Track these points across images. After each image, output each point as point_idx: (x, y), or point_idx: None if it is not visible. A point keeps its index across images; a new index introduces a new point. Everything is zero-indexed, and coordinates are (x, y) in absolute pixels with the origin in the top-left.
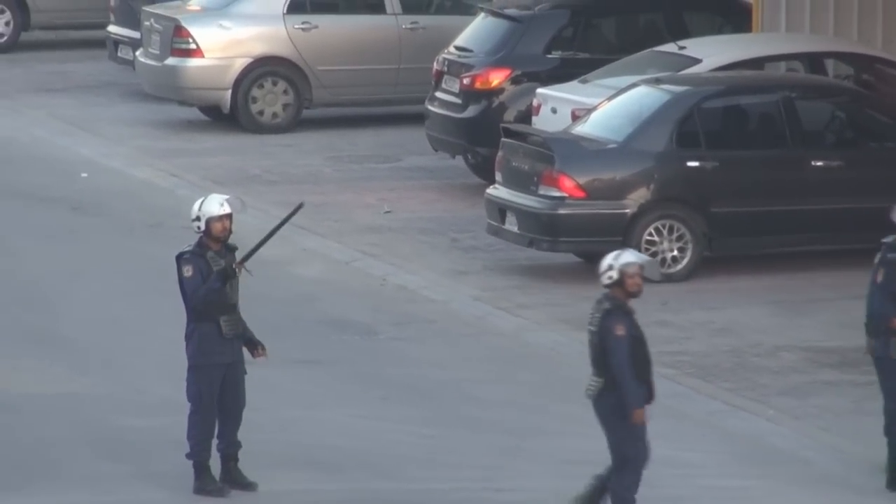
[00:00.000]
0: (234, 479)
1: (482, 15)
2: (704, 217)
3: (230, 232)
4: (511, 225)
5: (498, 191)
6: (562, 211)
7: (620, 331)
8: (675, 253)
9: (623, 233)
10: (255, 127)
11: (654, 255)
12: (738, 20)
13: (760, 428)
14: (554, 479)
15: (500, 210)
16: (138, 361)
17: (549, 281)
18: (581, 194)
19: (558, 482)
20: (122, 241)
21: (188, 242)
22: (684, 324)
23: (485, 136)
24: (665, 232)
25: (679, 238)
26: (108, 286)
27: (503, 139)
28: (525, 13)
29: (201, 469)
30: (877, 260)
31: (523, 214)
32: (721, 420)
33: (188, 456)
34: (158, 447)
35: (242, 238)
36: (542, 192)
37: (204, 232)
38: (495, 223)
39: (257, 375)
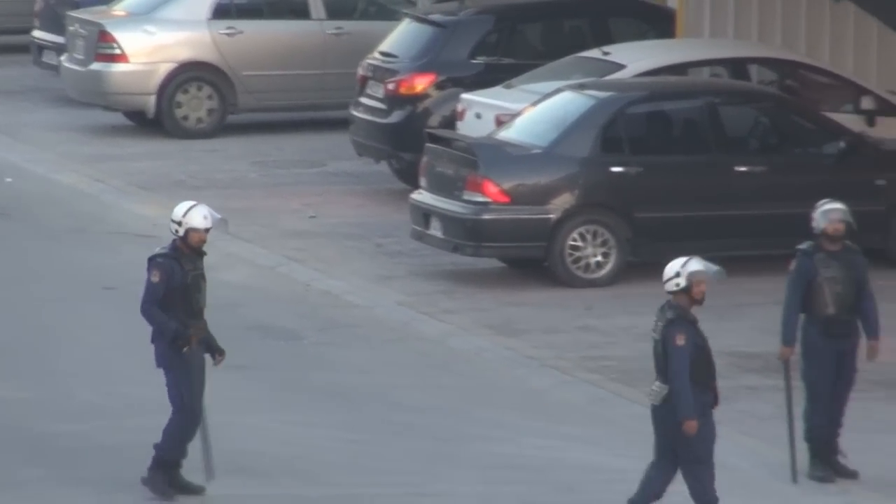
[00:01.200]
0: (182, 484)
1: (406, 20)
2: (628, 222)
3: (205, 242)
4: (435, 230)
5: (422, 196)
6: (486, 216)
7: (681, 340)
8: (599, 258)
9: (547, 238)
10: (180, 132)
11: (577, 260)
12: (662, 26)
13: None
14: (478, 484)
15: (425, 215)
16: (64, 367)
17: (474, 286)
18: (505, 199)
19: (483, 487)
20: (47, 247)
21: (162, 245)
22: (608, 329)
23: (409, 142)
24: (589, 237)
25: (603, 243)
26: (32, 291)
27: (427, 144)
28: (449, 19)
29: (168, 467)
30: (792, 266)
31: (448, 220)
32: (645, 425)
33: (157, 447)
34: (85, 452)
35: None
36: (466, 197)
37: (181, 238)
38: (420, 228)
39: None
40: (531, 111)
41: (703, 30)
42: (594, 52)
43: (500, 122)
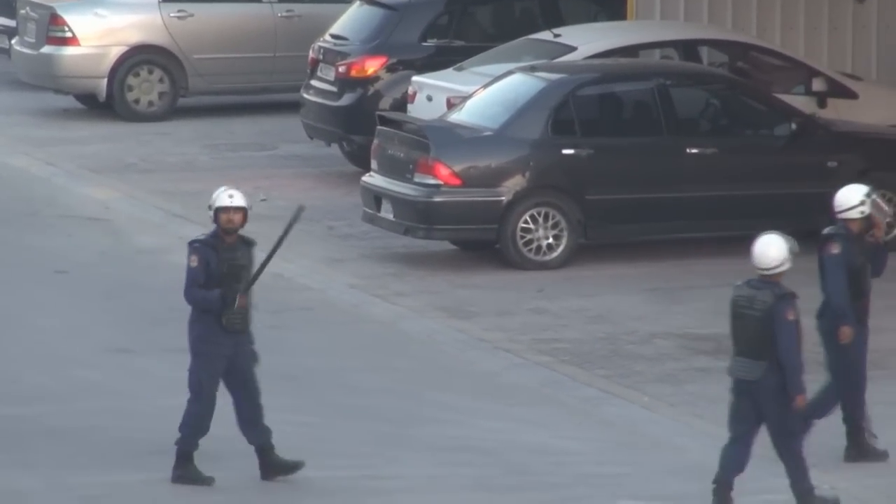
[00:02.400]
0: (278, 464)
1: (357, 3)
2: (580, 204)
3: (239, 226)
4: (387, 213)
5: (373, 178)
6: (437, 199)
7: (791, 315)
8: (551, 240)
9: (498, 220)
10: (132, 115)
11: (528, 242)
12: (612, 8)
13: (636, 415)
14: (430, 466)
15: (376, 198)
16: (14, 350)
17: (425, 269)
18: (456, 182)
19: (434, 469)
20: None
21: (204, 231)
22: (560, 311)
23: (360, 124)
24: (540, 219)
25: (554, 225)
26: None
27: (378, 127)
28: (400, 1)
29: (185, 458)
30: (835, 250)
31: (399, 202)
32: (596, 407)
33: (176, 442)
34: (33, 436)
35: (120, 226)
36: (417, 179)
37: (214, 222)
38: (371, 211)
39: (135, 364)
40: (482, 93)
41: (654, 12)
42: (545, 35)
43: (451, 105)
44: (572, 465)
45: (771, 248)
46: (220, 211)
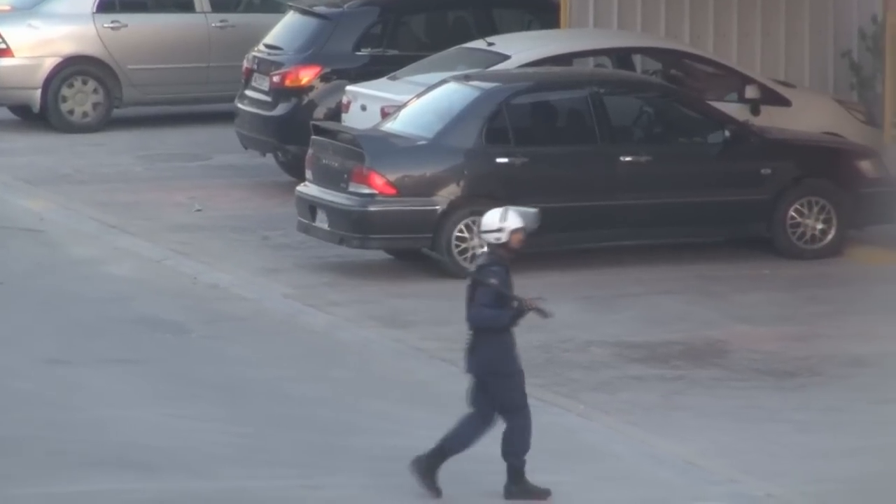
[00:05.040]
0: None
1: (291, 13)
2: None
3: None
4: (322, 222)
5: (308, 188)
6: (372, 208)
7: None
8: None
9: (433, 229)
10: (66, 126)
11: (464, 251)
12: (546, 17)
13: (571, 423)
14: (367, 475)
15: (311, 207)
16: None
17: (360, 278)
18: (391, 191)
19: (371, 479)
20: None
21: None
22: None
23: (295, 134)
24: (475, 228)
25: None
26: None
27: (313, 137)
28: (334, 10)
29: (522, 473)
30: None
31: (334, 212)
32: (532, 415)
33: (512, 461)
34: None
35: (55, 238)
36: (352, 189)
37: (503, 245)
38: (306, 221)
39: (71, 375)
40: (416, 103)
41: (588, 20)
42: (478, 43)
43: (386, 114)
44: None
45: None
46: (515, 232)
